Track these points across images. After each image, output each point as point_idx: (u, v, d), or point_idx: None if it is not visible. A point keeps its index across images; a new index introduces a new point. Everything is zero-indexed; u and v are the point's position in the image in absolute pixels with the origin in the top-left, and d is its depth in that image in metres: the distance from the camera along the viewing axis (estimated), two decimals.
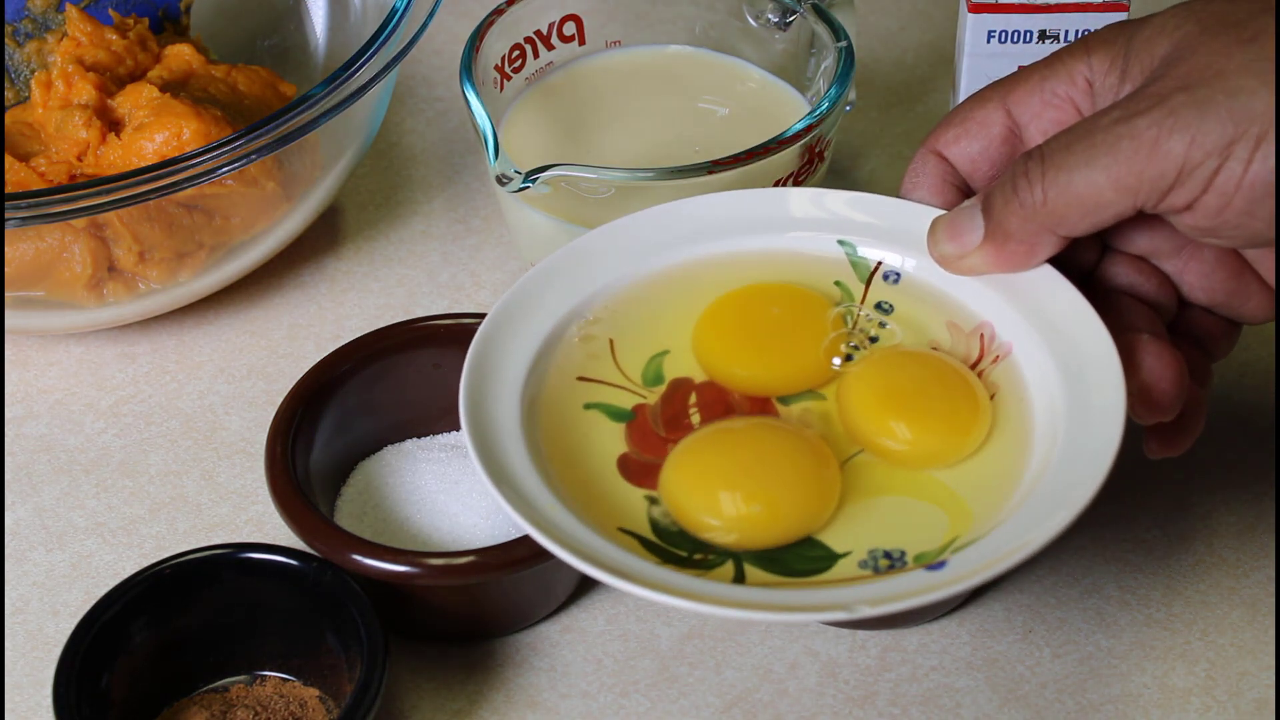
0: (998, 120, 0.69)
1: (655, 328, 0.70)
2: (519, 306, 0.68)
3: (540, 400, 0.67)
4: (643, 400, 0.67)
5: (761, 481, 0.64)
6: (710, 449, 0.66)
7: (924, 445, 0.65)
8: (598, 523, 0.63)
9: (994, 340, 0.68)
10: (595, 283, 0.70)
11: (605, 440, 0.66)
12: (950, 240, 0.68)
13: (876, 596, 0.60)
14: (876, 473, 0.65)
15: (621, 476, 0.65)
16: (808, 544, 0.63)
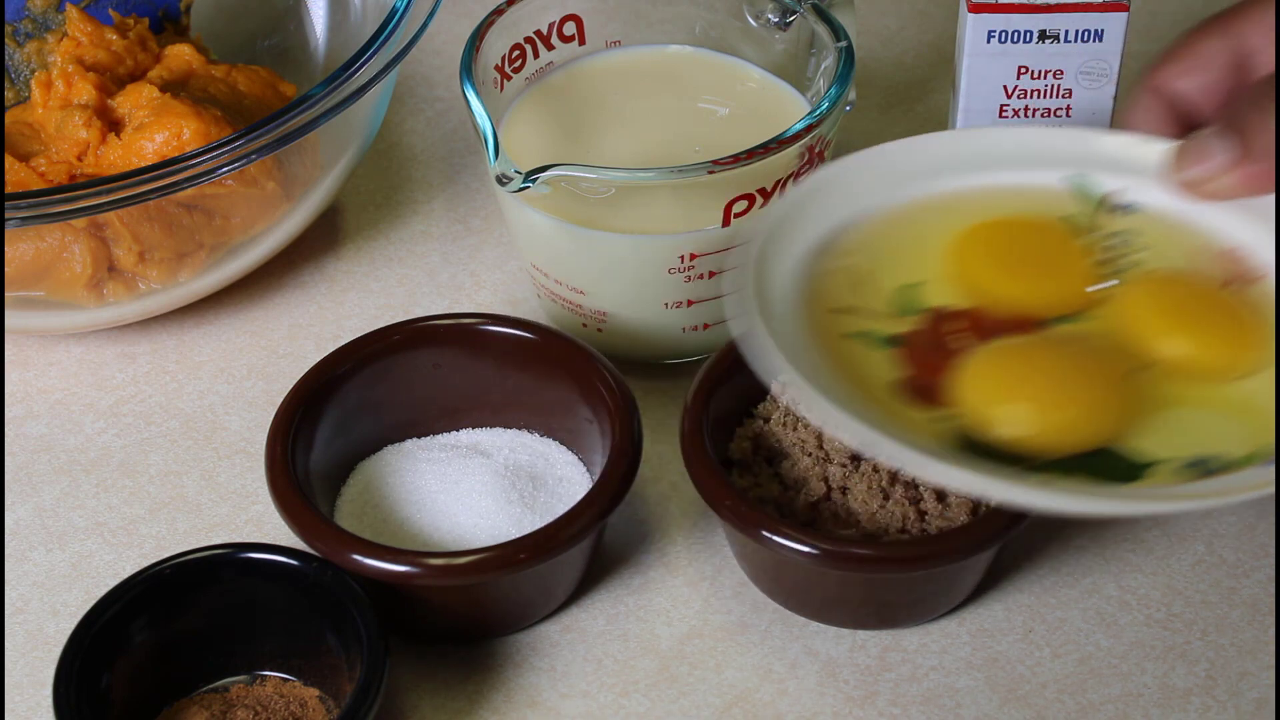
0: (1223, 50, 0.69)
1: (906, 258, 0.71)
2: (773, 242, 0.69)
3: (803, 332, 0.67)
4: (905, 328, 0.68)
5: (1069, 386, 0.66)
6: (1011, 360, 0.67)
7: (1216, 355, 0.67)
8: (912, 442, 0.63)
9: (1245, 263, 0.69)
10: (846, 212, 0.71)
11: (877, 367, 0.67)
12: (1198, 164, 0.68)
13: (1221, 489, 0.61)
14: (1165, 386, 0.66)
15: (902, 400, 0.66)
16: (1109, 455, 0.64)
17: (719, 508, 0.71)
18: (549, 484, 0.76)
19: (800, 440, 0.74)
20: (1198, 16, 0.99)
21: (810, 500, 0.73)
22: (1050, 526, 0.77)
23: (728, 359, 0.76)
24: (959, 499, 0.73)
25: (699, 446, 0.72)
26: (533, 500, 0.75)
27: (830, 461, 0.74)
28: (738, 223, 0.77)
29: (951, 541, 0.69)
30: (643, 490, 0.79)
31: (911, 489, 0.73)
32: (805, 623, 0.74)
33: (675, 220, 0.77)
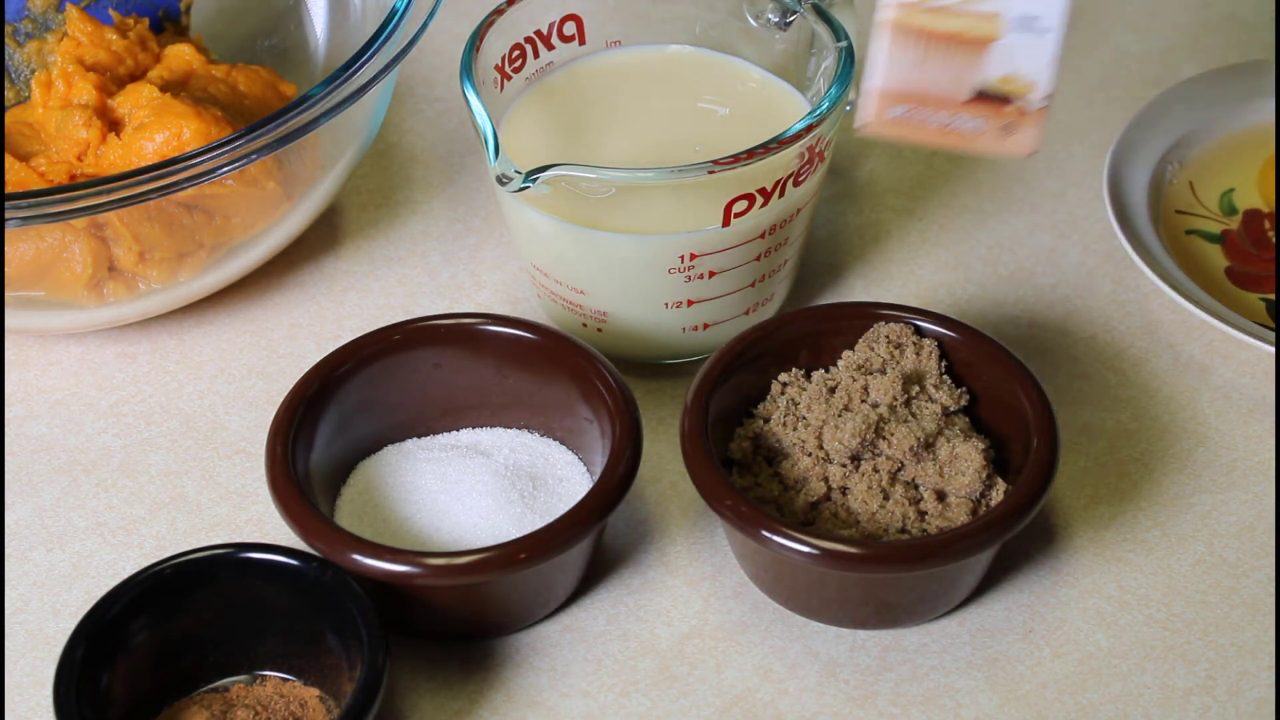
0: None
1: (1222, 170, 0.89)
2: (1127, 147, 0.86)
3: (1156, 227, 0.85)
4: (1227, 226, 0.85)
5: None
6: None
7: None
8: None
9: None
10: (1179, 131, 0.89)
11: (1208, 257, 0.85)
12: None
13: None
14: None
15: (1232, 283, 0.85)
16: None
17: (719, 508, 0.71)
18: (549, 484, 0.76)
19: (800, 440, 0.74)
20: (1197, 18, 1.00)
21: (810, 500, 0.73)
22: (1050, 526, 0.77)
23: (728, 359, 0.76)
24: (959, 499, 0.73)
25: (699, 446, 0.72)
26: (533, 500, 0.75)
27: (830, 461, 0.74)
28: (738, 222, 0.77)
29: (951, 541, 0.69)
30: (643, 490, 0.79)
31: (911, 489, 0.73)
32: (805, 623, 0.74)
33: (675, 220, 0.77)
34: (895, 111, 0.68)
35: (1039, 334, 0.85)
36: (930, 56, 0.67)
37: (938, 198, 0.92)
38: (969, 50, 0.67)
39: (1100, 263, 0.88)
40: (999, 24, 0.66)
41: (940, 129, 0.68)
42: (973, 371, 0.76)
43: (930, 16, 0.66)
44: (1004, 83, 0.68)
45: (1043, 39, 0.66)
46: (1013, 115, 0.68)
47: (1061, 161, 0.93)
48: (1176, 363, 0.83)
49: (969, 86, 0.68)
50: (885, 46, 0.66)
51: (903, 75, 0.66)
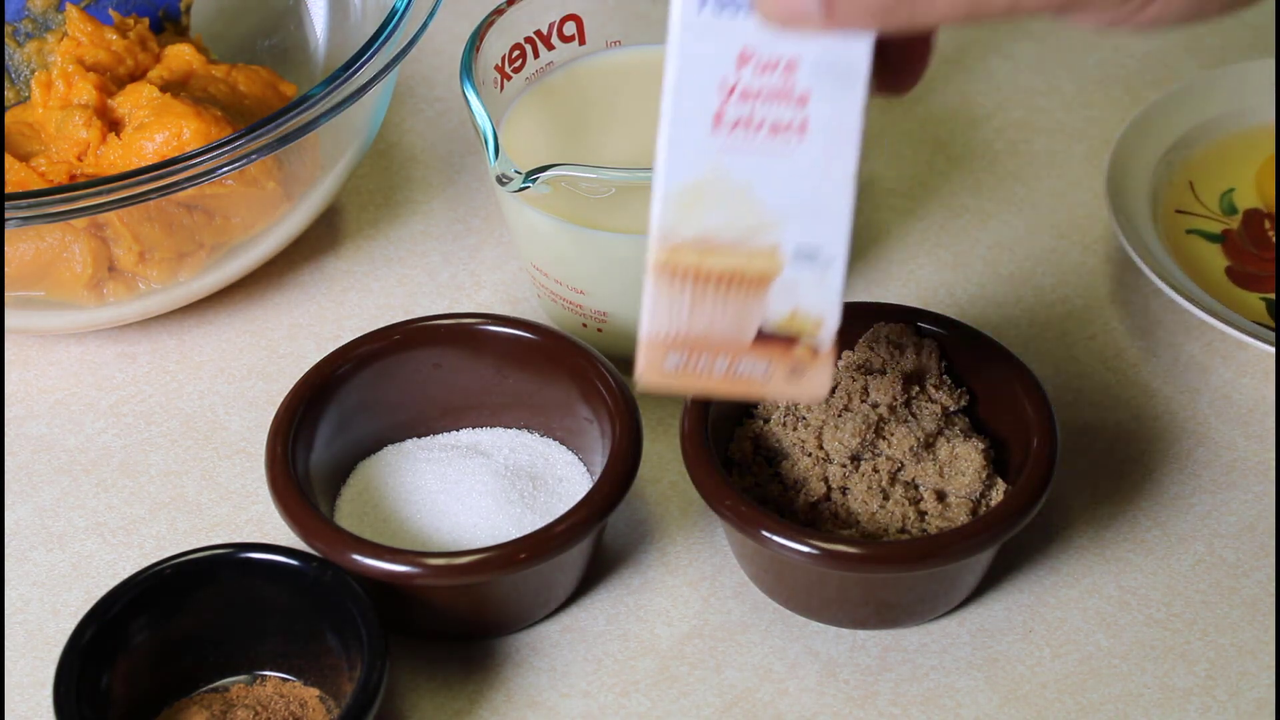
0: None
1: (1222, 170, 0.90)
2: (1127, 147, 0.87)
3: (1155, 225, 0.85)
4: (1227, 226, 0.86)
5: None
6: None
7: None
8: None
9: None
10: (1179, 131, 0.90)
11: (1208, 257, 0.86)
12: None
13: None
14: None
15: (1232, 283, 0.85)
16: None
17: (719, 508, 0.71)
18: (549, 484, 0.76)
19: (800, 440, 0.74)
20: None
21: (810, 500, 0.73)
22: (1050, 526, 0.77)
23: None
24: (959, 499, 0.73)
25: (699, 446, 0.72)
26: (533, 500, 0.75)
27: (830, 461, 0.74)
28: None
29: (951, 541, 0.69)
30: (643, 490, 0.79)
31: (911, 489, 0.73)
32: (805, 623, 0.74)
33: None
34: (672, 361, 0.62)
35: (1039, 334, 0.85)
36: (705, 298, 0.61)
37: (938, 198, 0.92)
38: (748, 289, 0.61)
39: (1100, 263, 0.88)
40: (778, 258, 0.60)
41: (724, 377, 0.62)
42: (973, 371, 0.76)
43: (700, 255, 0.60)
44: (789, 321, 0.61)
45: (827, 271, 0.60)
46: (802, 356, 0.61)
47: (1061, 161, 0.93)
48: (1176, 363, 0.83)
49: (750, 328, 0.61)
50: (653, 291, 0.61)
51: (676, 321, 0.61)
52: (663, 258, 0.61)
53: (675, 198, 0.60)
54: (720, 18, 0.59)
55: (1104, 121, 0.95)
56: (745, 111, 0.60)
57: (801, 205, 0.60)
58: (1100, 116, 0.96)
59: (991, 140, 0.94)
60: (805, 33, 0.58)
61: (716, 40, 0.59)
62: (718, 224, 0.60)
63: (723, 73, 0.59)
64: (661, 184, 0.60)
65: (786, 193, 0.60)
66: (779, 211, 0.60)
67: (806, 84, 0.60)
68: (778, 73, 0.60)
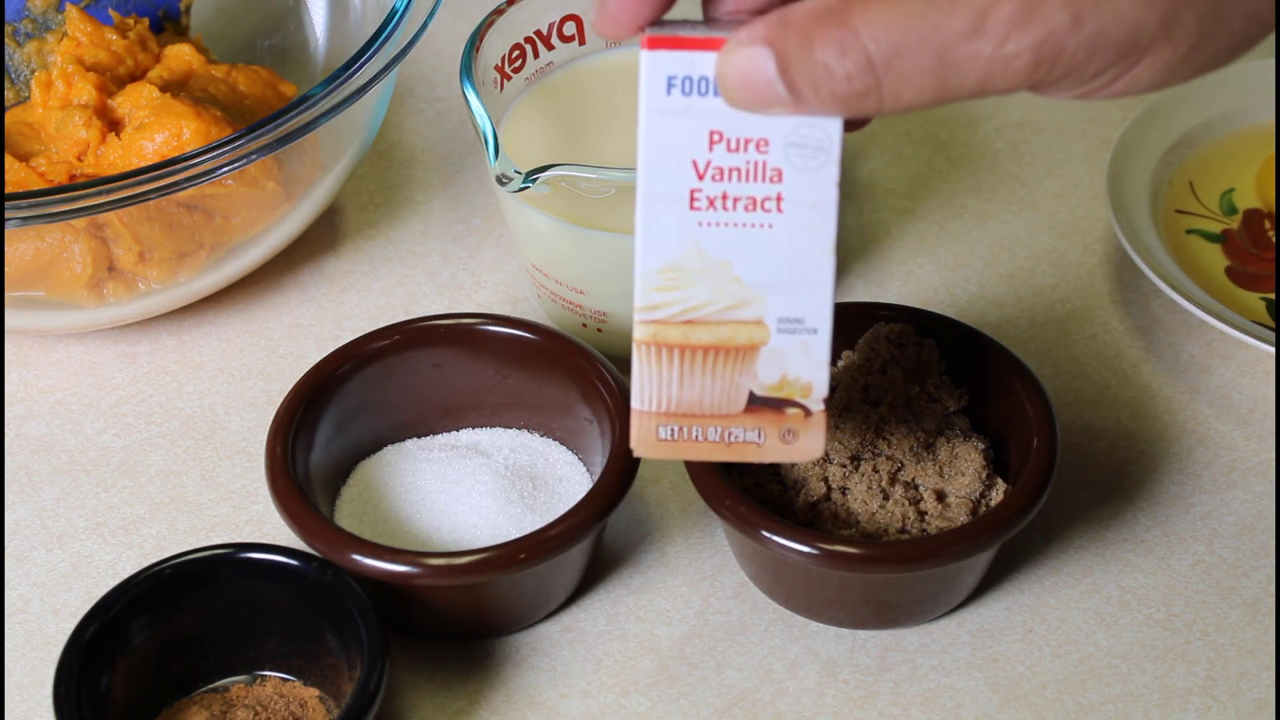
0: None
1: (1222, 170, 0.90)
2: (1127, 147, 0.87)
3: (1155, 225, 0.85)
4: (1227, 226, 0.86)
5: None
6: None
7: None
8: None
9: None
10: (1179, 131, 0.89)
11: (1208, 257, 0.85)
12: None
13: None
14: None
15: (1232, 283, 0.85)
16: None
17: (719, 508, 0.71)
18: (549, 484, 0.76)
19: None
20: None
21: (810, 500, 0.73)
22: (1050, 526, 0.77)
23: None
24: (959, 499, 0.73)
25: None
26: (533, 500, 0.75)
27: (830, 461, 0.74)
28: None
29: (951, 541, 0.69)
30: (643, 490, 0.79)
31: (911, 489, 0.73)
32: (805, 623, 0.74)
33: None
34: (665, 432, 0.63)
35: (1039, 334, 0.85)
36: (693, 370, 0.62)
37: (938, 198, 0.92)
38: (736, 359, 0.62)
39: (1100, 263, 0.88)
40: (763, 329, 0.62)
41: (719, 444, 0.64)
42: (973, 371, 0.76)
43: (685, 330, 0.62)
44: (779, 388, 0.63)
45: (813, 340, 0.62)
46: (794, 420, 0.63)
47: (1061, 161, 0.93)
48: (1176, 363, 0.83)
49: (742, 396, 0.63)
50: (640, 365, 0.62)
51: (666, 394, 0.63)
52: (648, 334, 0.62)
53: (655, 276, 0.61)
54: (689, 99, 0.60)
55: (1104, 121, 0.95)
56: (719, 190, 0.61)
57: (782, 279, 0.61)
58: (1100, 116, 0.96)
59: (991, 140, 0.94)
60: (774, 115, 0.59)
61: (687, 121, 0.60)
62: (700, 300, 0.62)
63: (694, 153, 0.60)
64: (640, 264, 0.61)
65: (766, 268, 0.61)
66: (760, 286, 0.61)
67: (779, 161, 0.60)
68: (749, 151, 0.60)
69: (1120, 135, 0.89)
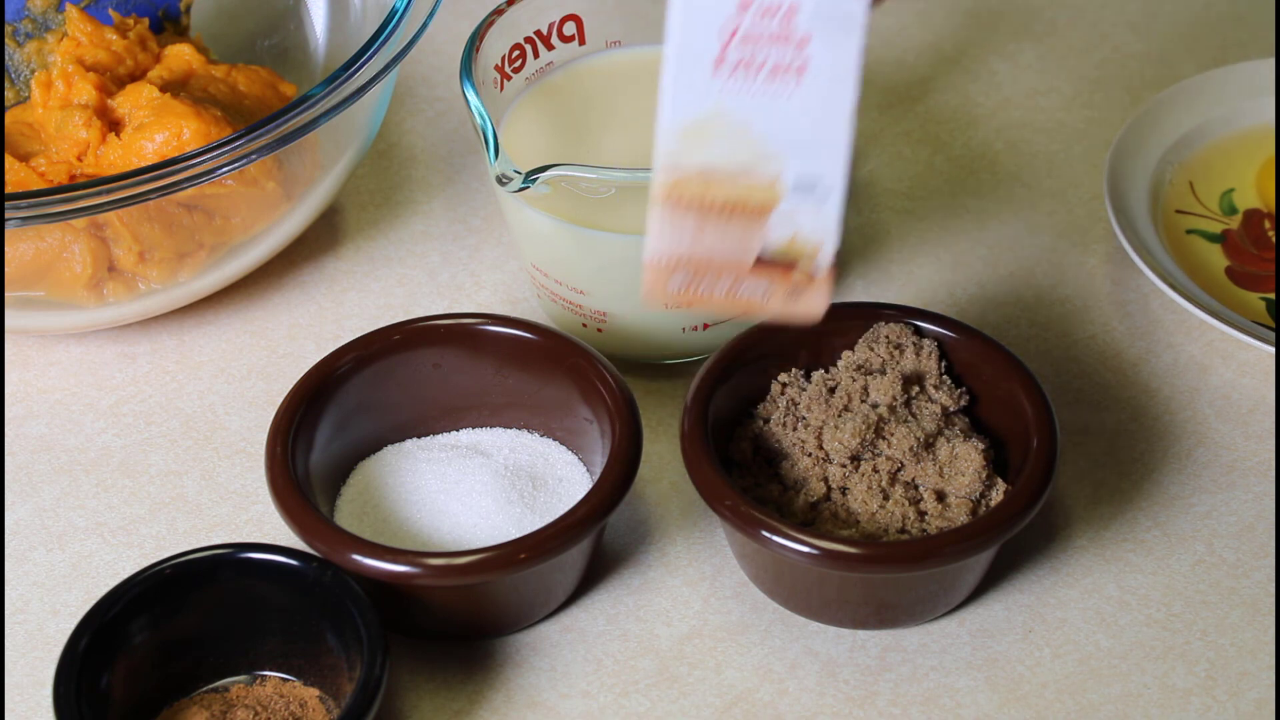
0: None
1: (1222, 170, 0.90)
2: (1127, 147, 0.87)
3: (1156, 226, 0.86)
4: (1227, 226, 0.87)
5: None
6: None
7: None
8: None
9: None
10: (1179, 131, 0.90)
11: (1208, 257, 0.86)
12: None
13: None
14: None
15: (1232, 283, 0.85)
16: None
17: (719, 508, 0.71)
18: (549, 484, 0.76)
19: (800, 440, 0.74)
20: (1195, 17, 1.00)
21: (810, 500, 0.73)
22: (1050, 526, 0.77)
23: (728, 359, 0.76)
24: (959, 499, 0.73)
25: (699, 446, 0.72)
26: (533, 500, 0.75)
27: (830, 461, 0.74)
28: None
29: (951, 541, 0.69)
30: (643, 490, 0.79)
31: (911, 489, 0.73)
32: (805, 623, 0.74)
33: None
34: (676, 282, 0.66)
35: (1039, 334, 0.85)
36: (708, 225, 0.64)
37: (938, 198, 0.92)
38: (749, 217, 0.64)
39: (1100, 263, 0.88)
40: (778, 189, 0.64)
41: (726, 297, 0.66)
42: (973, 371, 0.76)
43: (703, 186, 0.64)
44: (788, 247, 0.65)
45: (825, 202, 0.64)
46: (800, 280, 0.65)
47: (1061, 161, 0.93)
48: (1176, 363, 0.83)
49: (752, 253, 0.65)
50: (658, 218, 0.65)
51: (680, 245, 0.65)
52: (667, 188, 0.64)
53: (678, 133, 0.63)
54: None
55: (1104, 121, 0.95)
56: (746, 54, 0.62)
57: (801, 141, 0.63)
58: (1100, 116, 0.96)
59: (991, 140, 0.94)
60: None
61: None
62: (720, 158, 0.63)
63: (724, 18, 0.62)
64: (666, 119, 0.63)
65: (786, 130, 0.63)
66: (779, 147, 0.63)
67: (806, 28, 0.61)
68: (778, 18, 0.62)
69: (1120, 135, 0.89)
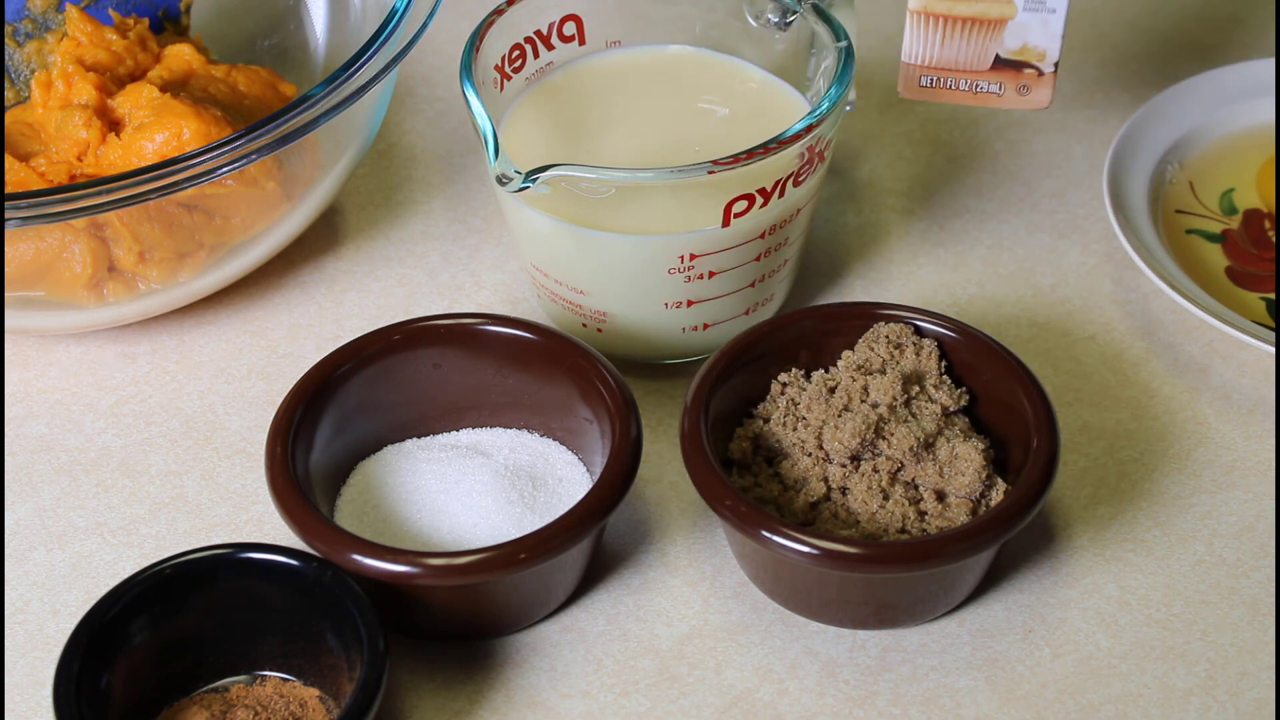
0: None
1: (1222, 170, 0.90)
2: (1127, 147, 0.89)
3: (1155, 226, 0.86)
4: (1227, 226, 0.87)
5: None
6: None
7: None
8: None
9: None
10: (1179, 131, 0.91)
11: (1208, 257, 0.86)
12: None
13: None
14: None
15: (1232, 283, 0.85)
16: None
17: (719, 508, 0.71)
18: (549, 484, 0.76)
19: (800, 440, 0.74)
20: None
21: (810, 500, 0.73)
22: (1050, 526, 0.77)
23: (728, 359, 0.76)
24: (959, 499, 0.73)
25: (699, 446, 0.72)
26: (533, 500, 0.75)
27: (830, 461, 0.74)
28: (737, 223, 0.77)
29: (951, 541, 0.69)
30: (643, 490, 0.79)
31: (911, 489, 0.73)
32: (805, 623, 0.74)
33: (675, 220, 0.77)
34: (925, 79, 0.82)
35: (1039, 334, 0.85)
36: (953, 34, 0.80)
37: (938, 198, 0.92)
38: (987, 28, 0.80)
39: (1100, 263, 0.88)
40: (1012, 6, 0.79)
41: (966, 91, 0.82)
42: (973, 371, 0.76)
43: (951, 3, 0.79)
44: (1019, 53, 0.81)
45: (1052, 15, 0.79)
46: (1029, 78, 0.81)
47: (1061, 161, 0.93)
48: (1176, 363, 0.83)
49: (989, 57, 0.81)
50: (914, 28, 0.80)
51: (929, 51, 0.81)
52: (920, 4, 0.80)
53: None
54: None
55: (1104, 121, 0.95)
56: None
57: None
58: (1100, 116, 0.96)
59: (991, 140, 0.94)
60: None
61: None
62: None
63: None
64: None
65: None
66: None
67: None
68: None
69: (1120, 135, 0.89)
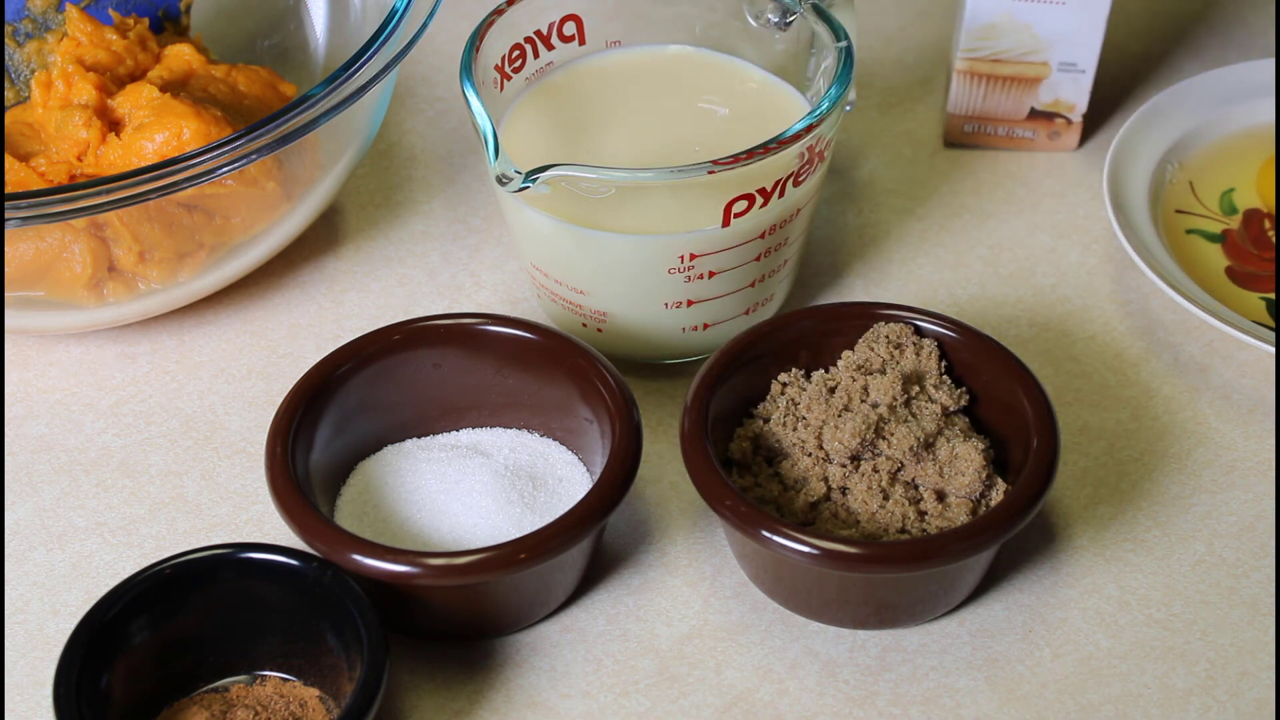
0: None
1: (1222, 170, 0.91)
2: (1127, 147, 0.90)
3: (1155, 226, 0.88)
4: (1227, 226, 0.88)
5: None
6: None
7: None
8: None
9: None
10: (1187, 126, 0.92)
11: (1208, 257, 0.87)
12: None
13: None
14: None
15: (1232, 283, 0.86)
16: None
17: (719, 508, 0.71)
18: (549, 484, 0.76)
19: (800, 440, 0.74)
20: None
21: (810, 500, 0.73)
22: (1050, 526, 0.77)
23: (728, 359, 0.76)
24: (959, 499, 0.73)
25: (699, 446, 0.72)
26: (533, 500, 0.75)
27: (830, 461, 0.74)
28: (737, 223, 0.77)
29: (951, 541, 0.69)
30: (643, 490, 0.79)
31: (911, 489, 0.73)
32: (805, 623, 0.74)
33: (675, 220, 0.77)
34: (969, 127, 0.93)
35: (1039, 334, 0.85)
36: (994, 90, 0.91)
37: (938, 198, 0.92)
38: (1024, 85, 0.91)
39: (1100, 263, 0.88)
40: (1047, 68, 0.90)
41: (1004, 137, 0.93)
42: (973, 371, 0.76)
43: (992, 65, 0.90)
44: (1052, 105, 0.91)
45: (1081, 77, 0.90)
46: (1059, 126, 0.92)
47: (1061, 161, 0.93)
48: (1176, 363, 0.83)
49: (1024, 109, 0.92)
50: (957, 85, 0.91)
51: (972, 104, 0.92)
52: (966, 66, 0.91)
53: (976, 32, 0.89)
54: None
55: (1104, 121, 0.95)
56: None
57: (1066, 37, 0.89)
58: (1100, 116, 0.96)
59: None
60: None
61: None
62: (1006, 47, 0.90)
63: None
64: (967, 23, 0.89)
65: (1056, 29, 0.89)
66: (1049, 40, 0.89)
67: None
68: None
69: (1120, 135, 0.89)
